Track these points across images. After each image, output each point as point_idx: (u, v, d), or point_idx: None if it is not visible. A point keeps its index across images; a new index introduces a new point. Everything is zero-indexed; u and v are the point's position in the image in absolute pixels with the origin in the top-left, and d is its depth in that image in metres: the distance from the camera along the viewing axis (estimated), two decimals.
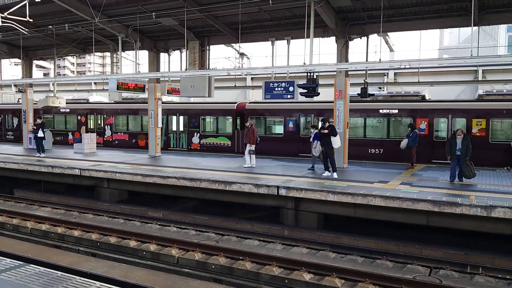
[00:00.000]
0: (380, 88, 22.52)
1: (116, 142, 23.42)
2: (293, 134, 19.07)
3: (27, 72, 23.47)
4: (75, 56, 75.62)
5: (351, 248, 9.71)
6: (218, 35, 17.89)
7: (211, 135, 20.97)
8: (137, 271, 8.57)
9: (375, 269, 8.51)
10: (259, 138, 15.05)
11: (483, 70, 21.38)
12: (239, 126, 20.55)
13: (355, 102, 17.74)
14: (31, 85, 23.26)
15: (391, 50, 24.24)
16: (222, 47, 26.18)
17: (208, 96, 16.53)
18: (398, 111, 17.30)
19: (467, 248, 9.64)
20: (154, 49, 19.42)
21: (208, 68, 18.22)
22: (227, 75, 18.15)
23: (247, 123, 15.55)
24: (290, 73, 15.55)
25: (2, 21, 15.84)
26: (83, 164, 15.89)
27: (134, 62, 18.65)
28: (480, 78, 21.30)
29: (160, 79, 18.42)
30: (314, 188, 11.22)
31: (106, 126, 23.76)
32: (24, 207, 14.21)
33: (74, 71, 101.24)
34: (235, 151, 20.20)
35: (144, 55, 20.55)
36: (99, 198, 14.99)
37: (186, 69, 17.71)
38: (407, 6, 13.98)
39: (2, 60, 26.50)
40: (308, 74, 14.04)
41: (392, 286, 7.56)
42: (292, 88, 14.12)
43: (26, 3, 14.86)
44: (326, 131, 13.06)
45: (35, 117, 20.84)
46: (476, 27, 14.30)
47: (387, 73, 23.18)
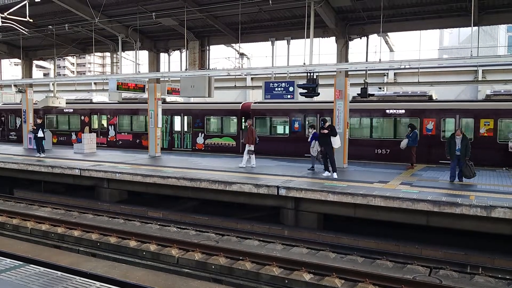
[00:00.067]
0: (380, 88, 22.51)
1: (120, 142, 23.32)
2: (298, 135, 18.98)
3: (27, 72, 23.47)
4: (75, 56, 75.71)
5: (351, 248, 9.71)
6: (218, 35, 17.88)
7: (216, 135, 20.88)
8: (137, 271, 8.58)
9: (375, 269, 8.51)
10: (258, 138, 15.05)
11: (483, 70, 21.35)
12: (244, 126, 20.49)
13: (361, 102, 17.68)
14: (31, 85, 23.27)
15: (391, 50, 24.25)
16: (222, 47, 26.19)
17: (208, 96, 16.53)
18: (405, 111, 17.15)
19: (467, 248, 9.65)
20: (154, 49, 19.42)
21: (208, 68, 18.22)
22: (227, 75, 18.14)
23: (246, 123, 15.53)
24: (290, 73, 15.55)
25: (2, 21, 15.84)
26: (83, 164, 15.89)
27: (134, 62, 18.65)
28: (480, 78, 21.30)
29: (160, 79, 18.42)
30: (314, 188, 11.22)
31: (110, 126, 23.68)
32: (24, 207, 14.21)
33: (74, 71, 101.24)
34: (240, 152, 19.95)
35: (144, 55, 20.55)
36: (99, 198, 14.99)
37: (186, 69, 17.70)
38: (407, 6, 13.98)
39: (2, 60, 26.49)
40: (308, 74, 14.05)
41: (392, 286, 7.57)
42: (292, 88, 14.12)
43: (26, 3, 14.86)
44: (326, 131, 13.06)
45: (38, 117, 20.80)
46: (476, 27, 14.29)
47: (387, 73, 23.16)
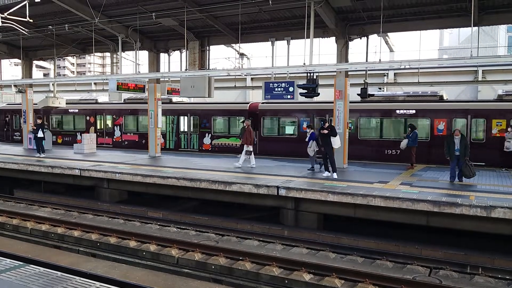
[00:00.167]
0: (380, 88, 22.52)
1: (126, 142, 23.20)
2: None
3: (27, 72, 23.48)
4: (75, 57, 75.71)
5: (351, 249, 9.71)
6: (218, 36, 17.89)
7: (223, 136, 20.75)
8: (137, 271, 8.58)
9: (375, 269, 8.51)
10: (256, 139, 15.04)
11: (483, 70, 21.36)
12: (252, 126, 20.28)
13: (371, 103, 17.61)
14: (31, 85, 23.28)
15: (391, 51, 24.28)
16: (222, 47, 26.21)
17: (208, 97, 16.54)
18: (416, 112, 17.00)
19: (467, 248, 9.65)
20: (154, 49, 19.43)
21: (208, 69, 18.23)
22: (227, 75, 18.15)
23: (244, 124, 15.50)
24: (290, 73, 15.56)
25: (2, 21, 15.85)
26: (83, 164, 15.89)
27: (134, 63, 18.66)
28: (480, 79, 21.32)
29: (160, 79, 18.43)
30: (314, 188, 11.22)
31: (116, 127, 23.56)
32: (24, 207, 14.21)
33: (74, 71, 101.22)
34: None
35: (144, 55, 20.58)
36: (99, 198, 14.99)
37: (186, 69, 17.71)
38: (407, 7, 13.99)
39: (2, 60, 26.50)
40: (308, 75, 14.06)
41: (392, 286, 7.57)
42: (292, 88, 14.13)
43: (26, 4, 14.87)
44: (326, 132, 13.06)
45: (38, 117, 20.79)
46: (476, 28, 14.29)
47: (387, 73, 23.16)
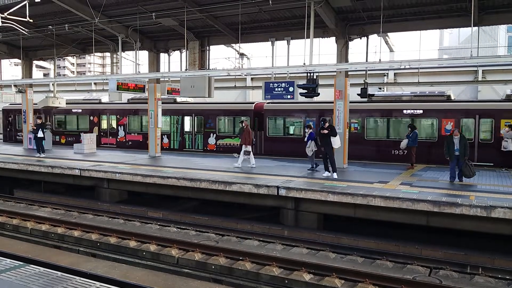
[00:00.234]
0: (380, 88, 22.51)
1: (130, 143, 23.07)
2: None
3: (27, 72, 23.48)
4: (75, 57, 75.65)
5: (351, 249, 9.71)
6: (218, 36, 17.89)
7: (228, 136, 20.63)
8: (137, 271, 8.58)
9: (375, 269, 8.51)
10: (254, 139, 15.03)
11: (483, 70, 21.37)
12: (257, 126, 20.19)
13: (378, 102, 17.54)
14: (31, 85, 23.28)
15: (391, 51, 24.27)
16: (222, 47, 26.21)
17: (208, 97, 16.55)
18: (423, 111, 16.88)
19: (467, 248, 9.65)
20: (154, 49, 19.43)
21: (208, 69, 18.23)
22: (227, 75, 18.15)
23: (243, 124, 15.47)
24: (290, 73, 15.57)
25: (2, 21, 15.85)
26: (83, 164, 15.89)
27: (134, 63, 18.66)
28: (480, 79, 21.33)
29: (160, 79, 18.42)
30: (314, 188, 11.22)
31: (119, 127, 23.45)
32: (24, 207, 14.20)
33: (74, 71, 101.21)
34: (252, 152, 19.69)
35: (144, 55, 20.59)
36: (99, 198, 14.99)
37: (186, 69, 17.71)
38: (407, 7, 13.99)
39: (2, 60, 26.50)
40: (308, 75, 14.06)
41: (392, 286, 7.56)
42: (292, 88, 14.14)
43: (26, 4, 14.87)
44: (326, 132, 13.06)
45: (38, 117, 20.77)
46: (476, 28, 14.30)
47: (387, 73, 23.17)
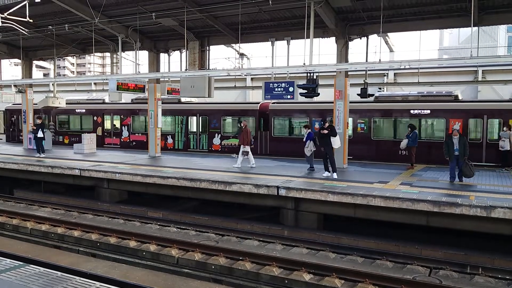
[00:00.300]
0: (380, 88, 22.50)
1: (134, 143, 22.94)
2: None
3: (27, 72, 23.48)
4: (75, 57, 75.64)
5: (351, 249, 9.71)
6: (218, 36, 17.89)
7: (233, 136, 20.42)
8: (137, 271, 8.58)
9: (375, 269, 8.51)
10: (253, 140, 15.04)
11: (483, 70, 21.35)
12: (262, 127, 20.10)
13: (385, 102, 17.50)
14: (31, 85, 23.28)
15: (391, 51, 24.25)
16: (222, 47, 26.15)
17: (208, 97, 16.54)
18: (431, 111, 16.79)
19: (467, 248, 9.65)
20: (154, 49, 19.43)
21: (208, 69, 18.23)
22: (227, 75, 18.15)
23: (242, 124, 15.44)
24: (290, 73, 15.56)
25: (2, 21, 15.85)
26: (83, 164, 15.89)
27: (134, 63, 18.66)
28: (480, 79, 21.32)
29: (160, 79, 18.42)
30: (314, 188, 11.22)
31: (123, 127, 23.34)
32: (24, 207, 14.20)
33: (74, 71, 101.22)
34: (257, 153, 19.53)
35: (144, 55, 20.60)
36: (99, 198, 14.98)
37: (186, 69, 17.71)
38: (407, 7, 13.99)
39: (2, 60, 26.49)
40: (308, 75, 14.06)
41: (392, 286, 7.57)
42: (292, 88, 14.13)
43: (26, 4, 14.87)
44: (326, 132, 13.05)
45: (38, 117, 20.76)
46: (476, 28, 14.29)
47: (387, 73, 23.16)
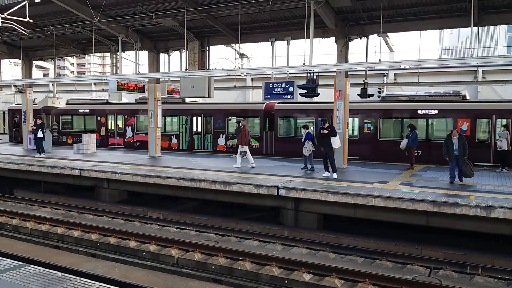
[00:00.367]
0: (380, 88, 22.50)
1: (138, 143, 22.77)
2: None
3: (27, 72, 23.48)
4: (75, 57, 75.68)
5: (351, 249, 9.71)
6: (218, 36, 17.89)
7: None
8: (136, 271, 8.58)
9: (375, 269, 8.51)
10: (251, 140, 15.04)
11: (483, 70, 21.35)
12: (268, 127, 19.96)
13: (391, 102, 17.50)
14: (31, 85, 23.28)
15: (391, 51, 24.24)
16: (222, 47, 26.10)
17: (208, 97, 16.55)
18: (438, 112, 16.69)
19: (466, 248, 9.65)
20: (154, 49, 19.42)
21: (208, 69, 18.23)
22: (227, 75, 18.15)
23: (240, 124, 15.43)
24: (290, 73, 15.56)
25: (2, 21, 15.85)
26: (82, 164, 15.88)
27: (134, 63, 18.66)
28: (480, 79, 21.32)
29: (160, 79, 18.42)
30: (314, 188, 11.22)
31: (127, 127, 23.22)
32: (23, 207, 14.20)
33: (74, 72, 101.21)
34: (263, 153, 19.48)
35: (144, 55, 20.57)
36: (98, 198, 14.98)
37: (186, 69, 17.71)
38: (407, 7, 13.99)
39: (2, 60, 26.49)
40: (308, 75, 14.07)
41: (392, 286, 7.57)
42: (292, 88, 14.14)
43: (26, 4, 14.87)
44: (325, 132, 13.05)
45: (38, 117, 20.74)
46: (475, 28, 14.29)
47: (387, 73, 23.16)
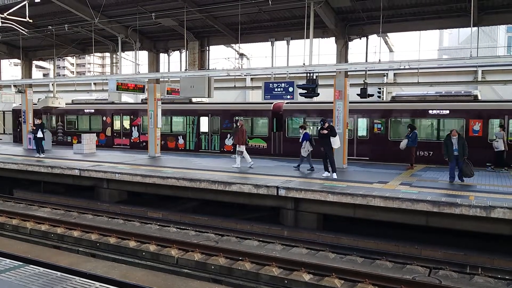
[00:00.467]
0: (380, 88, 22.51)
1: (144, 144, 22.36)
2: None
3: (27, 72, 23.48)
4: (74, 57, 75.69)
5: (351, 249, 9.71)
6: (217, 36, 17.89)
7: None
8: (136, 271, 8.58)
9: (375, 269, 8.51)
10: (248, 139, 15.03)
11: (482, 70, 21.35)
12: (276, 127, 19.79)
13: (402, 103, 17.50)
14: (30, 85, 23.27)
15: (391, 51, 24.28)
16: (221, 47, 26.16)
17: (208, 97, 16.55)
18: (450, 112, 16.59)
19: (466, 248, 9.65)
20: (154, 49, 19.42)
21: (208, 69, 18.23)
22: (227, 75, 18.14)
23: (238, 123, 15.39)
24: (289, 73, 15.57)
25: (2, 21, 15.84)
26: (82, 164, 15.88)
27: (134, 63, 18.67)
28: (479, 79, 21.32)
29: (160, 79, 18.42)
30: (313, 188, 11.22)
31: (133, 128, 23.08)
32: (23, 207, 14.20)
33: (73, 72, 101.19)
34: (271, 153, 19.36)
35: (143, 55, 20.61)
36: (98, 198, 14.98)
37: (186, 69, 17.71)
38: (407, 7, 13.99)
39: (2, 60, 26.49)
40: (308, 75, 14.07)
41: (392, 286, 7.57)
42: (292, 88, 14.13)
43: (26, 4, 14.87)
44: (325, 132, 13.06)
45: (38, 117, 20.73)
46: (475, 28, 14.30)
47: (387, 73, 23.14)
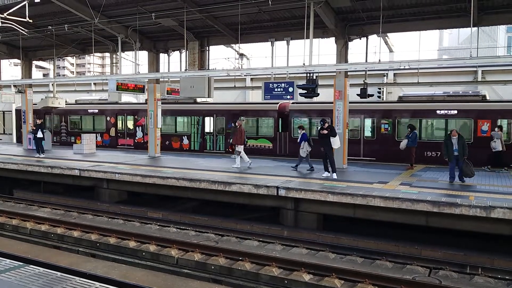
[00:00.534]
0: (380, 88, 22.51)
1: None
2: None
3: (27, 72, 23.47)
4: (74, 57, 75.69)
5: (351, 249, 9.71)
6: (217, 36, 17.89)
7: (251, 137, 19.85)
8: (136, 271, 8.57)
9: (375, 269, 8.51)
10: (247, 139, 15.03)
11: (482, 70, 21.36)
12: (281, 127, 19.76)
13: (410, 103, 17.52)
14: (30, 85, 23.29)
15: (391, 51, 24.27)
16: (221, 47, 26.13)
17: (208, 97, 16.54)
18: (458, 112, 16.55)
19: (466, 248, 9.65)
20: (154, 49, 19.42)
21: (208, 69, 18.23)
22: (227, 75, 18.14)
23: (236, 123, 15.38)
24: (289, 73, 15.57)
25: (2, 21, 15.84)
26: (82, 164, 15.88)
27: (134, 63, 18.66)
28: (479, 79, 21.33)
29: (160, 79, 18.42)
30: (313, 188, 11.22)
31: (137, 128, 23.00)
32: (23, 207, 14.20)
33: (73, 72, 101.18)
34: (277, 153, 19.34)
35: (143, 55, 20.59)
36: (98, 198, 14.98)
37: (186, 69, 17.71)
38: (407, 7, 14.00)
39: (2, 60, 26.48)
40: (308, 75, 14.08)
41: (392, 286, 7.57)
42: (292, 88, 14.14)
43: (25, 4, 14.87)
44: (325, 132, 13.05)
45: (38, 117, 20.73)
46: (475, 28, 14.30)
47: (387, 73, 23.14)
